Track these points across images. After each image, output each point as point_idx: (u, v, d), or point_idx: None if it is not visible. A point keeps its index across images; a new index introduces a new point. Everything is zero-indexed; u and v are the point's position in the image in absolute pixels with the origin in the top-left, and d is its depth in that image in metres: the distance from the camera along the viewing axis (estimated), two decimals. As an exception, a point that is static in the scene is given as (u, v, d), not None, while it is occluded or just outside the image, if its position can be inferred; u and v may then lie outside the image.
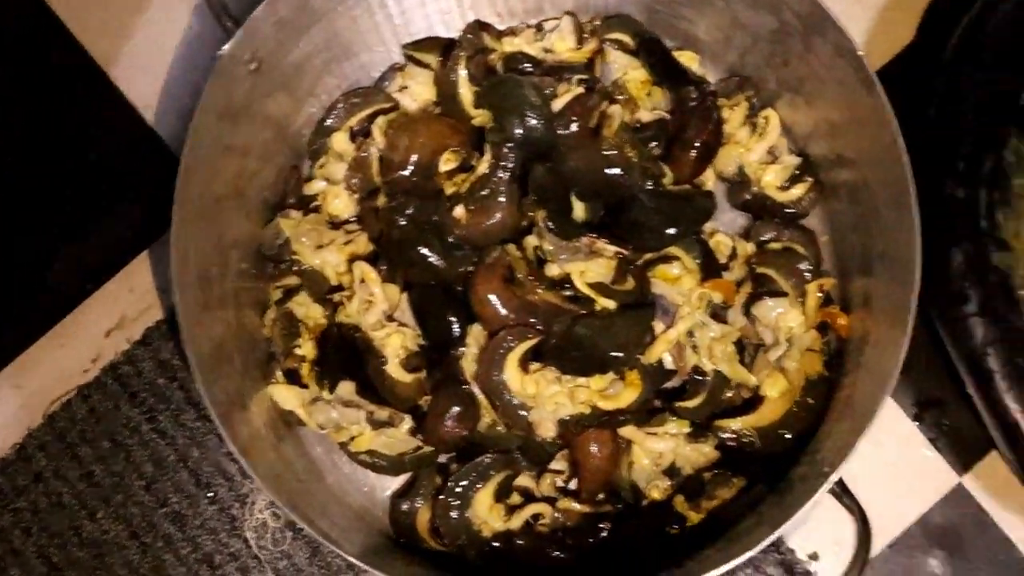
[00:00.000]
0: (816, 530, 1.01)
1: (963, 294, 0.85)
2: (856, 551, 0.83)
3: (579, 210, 0.98)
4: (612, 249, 0.94)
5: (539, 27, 1.04)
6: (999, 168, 0.94)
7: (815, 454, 0.90)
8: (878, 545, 1.00)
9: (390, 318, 0.97)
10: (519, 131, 0.96)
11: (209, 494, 1.04)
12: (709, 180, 1.02)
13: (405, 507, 0.99)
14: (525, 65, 1.01)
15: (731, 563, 0.81)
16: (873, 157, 0.88)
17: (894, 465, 1.01)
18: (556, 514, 0.96)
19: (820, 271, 0.98)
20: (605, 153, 0.96)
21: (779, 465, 0.93)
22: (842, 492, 0.85)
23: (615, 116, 0.96)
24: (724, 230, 1.02)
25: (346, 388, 0.95)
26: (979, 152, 0.87)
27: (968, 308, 0.85)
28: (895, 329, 0.83)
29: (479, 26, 1.02)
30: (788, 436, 0.94)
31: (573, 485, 0.98)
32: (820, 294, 0.97)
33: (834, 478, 0.82)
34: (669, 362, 0.97)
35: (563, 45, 1.02)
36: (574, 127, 0.97)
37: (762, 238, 1.00)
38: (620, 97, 1.00)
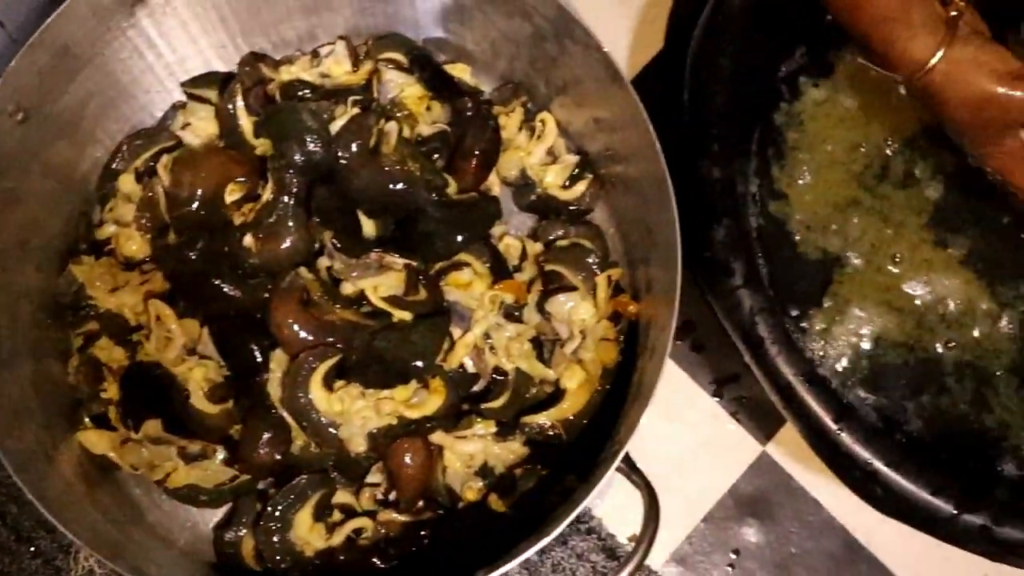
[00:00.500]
0: (635, 512, 1.03)
1: (728, 268, 0.89)
2: (644, 524, 0.86)
3: (369, 227, 1.00)
4: (401, 262, 0.96)
5: (315, 53, 1.06)
6: (772, 127, 0.99)
7: (614, 437, 0.93)
8: (693, 520, 1.04)
9: (192, 352, 0.98)
10: (299, 156, 0.98)
11: (31, 548, 1.04)
12: (495, 186, 1.05)
13: (229, 537, 0.99)
14: (304, 92, 1.02)
15: (533, 548, 0.83)
16: (635, 150, 0.92)
17: (701, 442, 1.05)
18: (378, 526, 0.98)
19: (608, 263, 1.02)
20: (387, 170, 0.99)
21: (586, 453, 0.96)
22: (630, 469, 0.87)
23: (391, 133, 0.99)
24: (514, 232, 1.05)
25: (152, 426, 0.95)
26: (731, 133, 0.91)
27: (734, 281, 0.89)
28: (667, 309, 0.87)
29: (255, 57, 1.03)
30: (590, 424, 0.97)
31: (393, 496, 0.99)
32: (609, 285, 1.00)
33: (621, 455, 0.85)
34: (471, 366, 0.99)
35: (339, 69, 1.04)
36: (354, 147, 0.99)
37: (550, 237, 1.03)
38: (399, 114, 1.02)
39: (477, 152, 1.02)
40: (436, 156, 1.02)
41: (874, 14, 0.80)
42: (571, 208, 1.03)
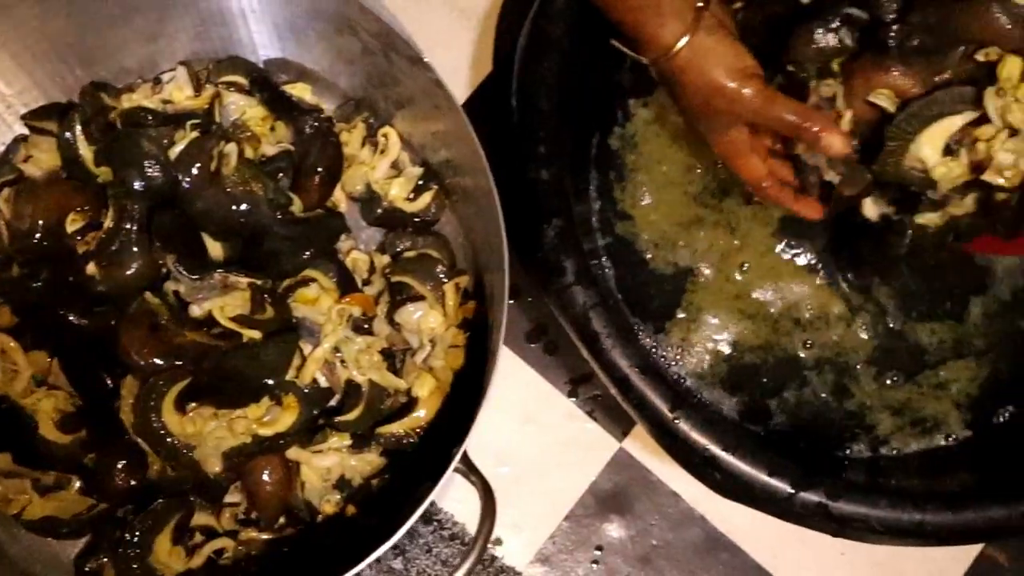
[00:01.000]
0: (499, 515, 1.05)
1: (560, 266, 0.91)
2: (480, 521, 0.87)
3: (216, 249, 1.00)
4: (245, 281, 0.97)
5: (156, 80, 1.06)
6: (610, 151, 1.02)
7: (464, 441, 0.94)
8: (555, 520, 1.05)
9: (43, 383, 0.98)
10: (139, 182, 0.98)
11: None
12: (341, 202, 1.06)
13: (90, 567, 0.99)
14: (146, 118, 1.03)
15: (374, 555, 0.84)
16: (466, 161, 0.94)
17: (559, 442, 1.07)
18: (239, 546, 0.98)
19: (456, 271, 1.04)
20: (229, 191, 1.00)
21: (441, 458, 0.97)
22: (468, 470, 0.89)
23: (231, 154, 1.00)
24: (363, 247, 1.06)
25: (2, 459, 0.95)
26: (558, 137, 0.93)
27: (566, 279, 0.91)
28: (500, 312, 0.88)
29: (95, 87, 1.04)
30: (443, 429, 0.98)
31: (253, 514, 1.00)
32: (458, 292, 1.02)
33: (459, 456, 0.86)
34: (324, 380, 1.00)
35: (181, 94, 1.05)
36: (195, 171, 1.00)
37: (397, 248, 1.05)
38: (243, 135, 1.03)
39: (320, 169, 1.03)
40: (281, 175, 1.03)
41: (629, 2, 0.83)
42: (417, 219, 1.05)
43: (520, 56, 0.94)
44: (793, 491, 0.89)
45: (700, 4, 0.82)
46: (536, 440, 1.07)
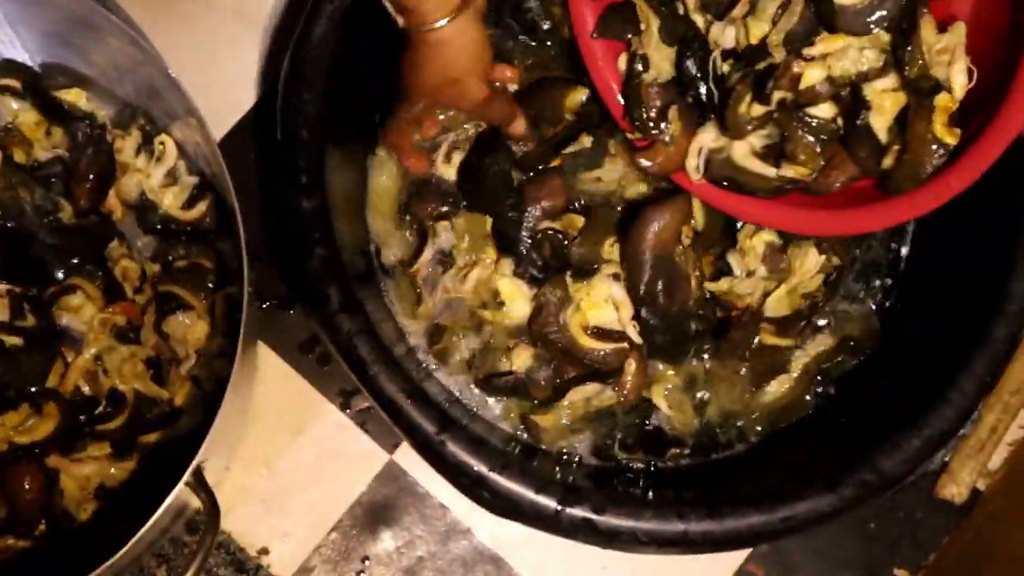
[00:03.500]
0: (266, 525, 1.06)
1: (324, 294, 0.92)
2: (202, 536, 0.88)
3: (-21, 258, 1.00)
4: (3, 287, 0.96)
5: (-74, 83, 1.05)
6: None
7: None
8: (321, 532, 1.06)
9: None
10: None
11: None
12: (117, 209, 1.06)
13: None
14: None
15: (107, 563, 0.85)
16: (218, 178, 0.94)
17: (329, 454, 1.08)
18: (-5, 553, 0.98)
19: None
20: (-5, 197, 0.99)
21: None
22: (198, 486, 0.89)
23: (-6, 160, 0.99)
24: (139, 255, 1.06)
25: None
26: (320, 165, 0.94)
27: (331, 307, 0.92)
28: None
29: None
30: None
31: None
32: (226, 303, 1.02)
33: (191, 469, 0.86)
34: (87, 389, 1.00)
35: (-51, 97, 1.04)
36: (-42, 177, 0.99)
37: (169, 257, 1.04)
38: (12, 139, 1.03)
39: (91, 176, 1.03)
40: (54, 181, 1.03)
41: None
42: (191, 229, 1.05)
43: (283, 85, 0.94)
44: (560, 507, 0.91)
45: None
46: (307, 450, 1.07)
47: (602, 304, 0.97)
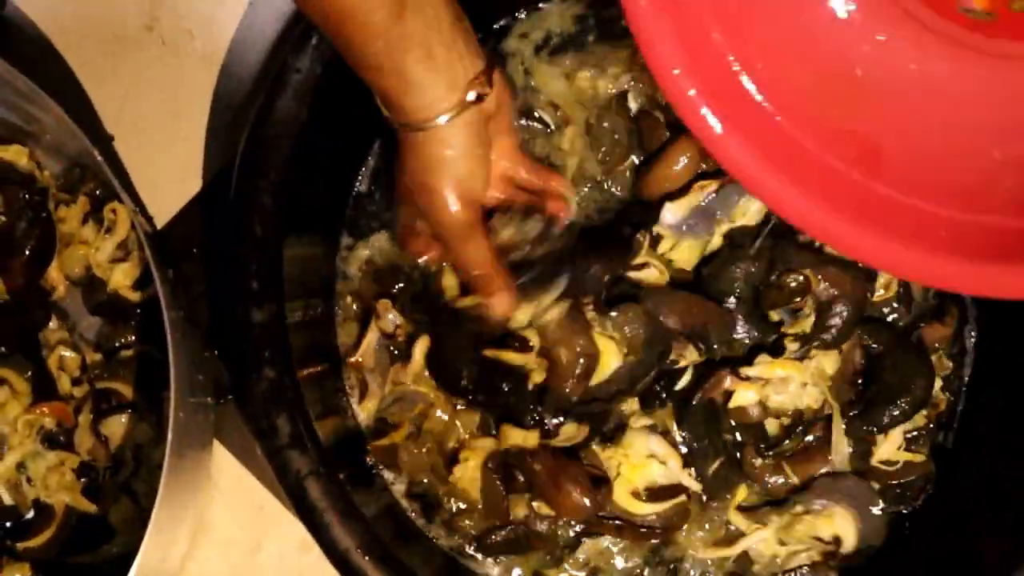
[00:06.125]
0: None
1: (272, 425, 0.77)
2: None
3: None
4: (-91, 382, 0.83)
5: None
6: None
7: None
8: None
9: None
10: None
11: None
12: (59, 285, 0.92)
13: None
14: None
15: None
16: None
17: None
18: None
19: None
20: (-91, 271, 0.86)
21: None
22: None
23: (-90, 231, 0.85)
24: (81, 339, 0.92)
25: None
26: (274, 268, 0.79)
27: (279, 440, 0.77)
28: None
29: None
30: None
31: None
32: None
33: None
34: (8, 498, 0.87)
35: None
36: None
37: (115, 345, 0.90)
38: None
39: (28, 248, 0.89)
40: (-18, 254, 0.89)
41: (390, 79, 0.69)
42: (141, 312, 0.90)
43: (236, 171, 0.80)
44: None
45: (476, 92, 0.70)
46: (265, 571, 0.93)
47: (645, 462, 0.84)
